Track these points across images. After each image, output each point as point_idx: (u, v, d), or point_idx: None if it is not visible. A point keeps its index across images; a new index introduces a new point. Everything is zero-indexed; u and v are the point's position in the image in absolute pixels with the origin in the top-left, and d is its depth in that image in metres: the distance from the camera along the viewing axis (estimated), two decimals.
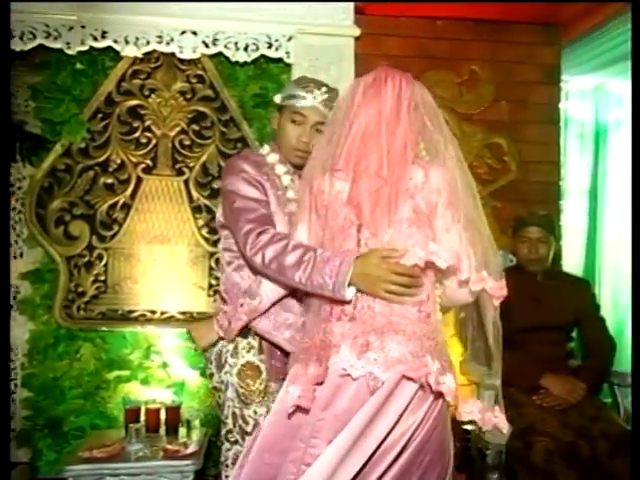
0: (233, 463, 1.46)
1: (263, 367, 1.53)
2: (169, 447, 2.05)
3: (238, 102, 2.75)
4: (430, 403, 1.21)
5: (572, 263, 3.70)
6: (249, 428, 1.48)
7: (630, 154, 1.42)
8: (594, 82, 3.75)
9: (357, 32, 2.68)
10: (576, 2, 2.66)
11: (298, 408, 1.22)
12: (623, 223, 3.83)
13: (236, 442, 1.49)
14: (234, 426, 1.50)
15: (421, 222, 1.26)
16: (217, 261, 2.70)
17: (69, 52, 2.55)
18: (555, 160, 3.00)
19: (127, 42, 2.57)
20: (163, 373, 2.65)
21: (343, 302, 1.27)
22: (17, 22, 2.46)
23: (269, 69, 2.75)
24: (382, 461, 1.17)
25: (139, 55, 2.63)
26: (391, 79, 1.32)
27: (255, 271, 1.50)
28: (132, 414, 2.19)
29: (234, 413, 1.51)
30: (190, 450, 2.04)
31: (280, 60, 2.69)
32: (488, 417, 1.27)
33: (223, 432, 1.54)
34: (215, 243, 2.72)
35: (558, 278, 2.33)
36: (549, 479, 1.80)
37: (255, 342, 1.54)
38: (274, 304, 1.50)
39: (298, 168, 1.59)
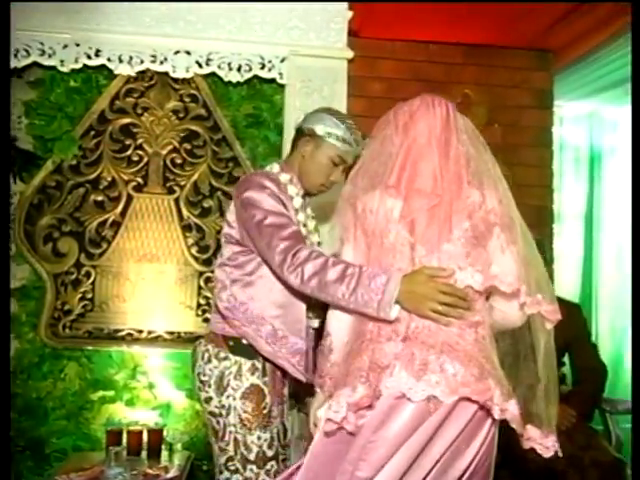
0: None
1: (267, 390, 1.46)
2: (149, 471, 2.00)
3: (231, 122, 2.75)
4: (488, 427, 1.19)
5: (568, 287, 3.69)
6: (252, 456, 1.41)
7: (630, 171, 1.41)
8: (588, 108, 3.79)
9: (350, 54, 2.70)
10: (567, 2, 2.66)
11: (344, 432, 1.18)
12: (619, 247, 3.83)
13: (236, 471, 1.42)
14: (235, 453, 1.42)
15: (477, 242, 1.26)
16: (206, 280, 2.69)
17: (63, 70, 2.56)
18: (548, 184, 2.99)
19: (121, 61, 2.58)
20: (149, 394, 2.60)
21: (392, 322, 1.23)
22: (12, 39, 2.47)
23: (262, 89, 2.77)
24: None
25: (133, 74, 2.65)
26: (438, 104, 1.37)
27: (291, 289, 1.43)
28: (114, 436, 2.14)
29: (236, 439, 1.42)
30: (171, 475, 1.99)
31: (273, 81, 2.70)
32: (547, 444, 1.21)
33: (222, 460, 1.44)
34: (205, 262, 2.70)
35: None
36: None
37: (259, 364, 1.47)
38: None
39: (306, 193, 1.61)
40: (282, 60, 2.64)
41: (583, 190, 3.91)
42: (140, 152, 2.71)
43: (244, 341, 1.47)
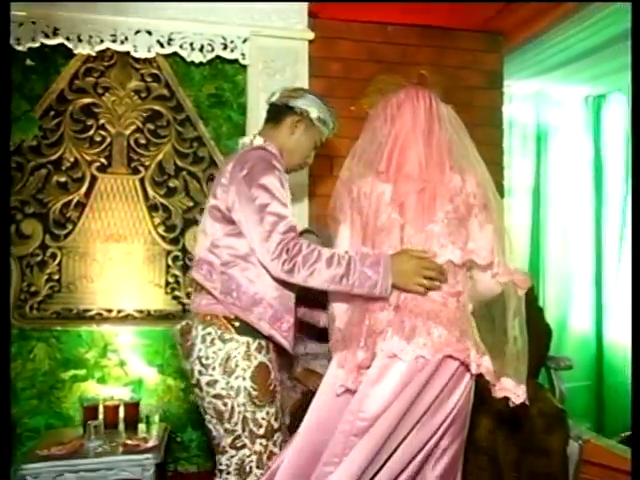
0: (236, 470, 1.44)
1: (271, 367, 1.48)
2: (129, 442, 2.08)
3: (194, 102, 2.78)
4: (467, 380, 1.38)
5: (518, 258, 3.92)
6: (261, 431, 1.44)
7: (631, 157, 1.59)
8: (535, 87, 3.99)
9: (311, 35, 2.76)
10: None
11: (346, 390, 1.35)
12: (564, 220, 4.09)
13: (243, 446, 1.44)
14: (243, 431, 1.43)
15: (458, 222, 1.40)
16: (174, 259, 2.75)
17: (19, 48, 2.52)
18: (499, 161, 3.16)
19: (80, 40, 2.56)
20: (120, 371, 2.66)
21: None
22: None
23: (225, 70, 2.79)
24: (427, 425, 1.34)
25: (92, 53, 2.62)
26: (422, 97, 1.51)
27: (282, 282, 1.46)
28: (90, 412, 2.20)
29: (245, 418, 1.43)
30: (150, 444, 2.08)
31: (236, 61, 2.74)
32: (519, 393, 1.39)
33: (228, 440, 1.45)
34: (172, 241, 2.75)
35: None
36: (491, 454, 1.96)
37: (264, 342, 1.48)
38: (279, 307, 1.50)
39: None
40: (244, 41, 2.68)
41: (530, 166, 4.12)
42: (103, 132, 2.71)
43: (247, 321, 1.45)
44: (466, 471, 1.92)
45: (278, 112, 1.64)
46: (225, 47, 2.68)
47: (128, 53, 2.64)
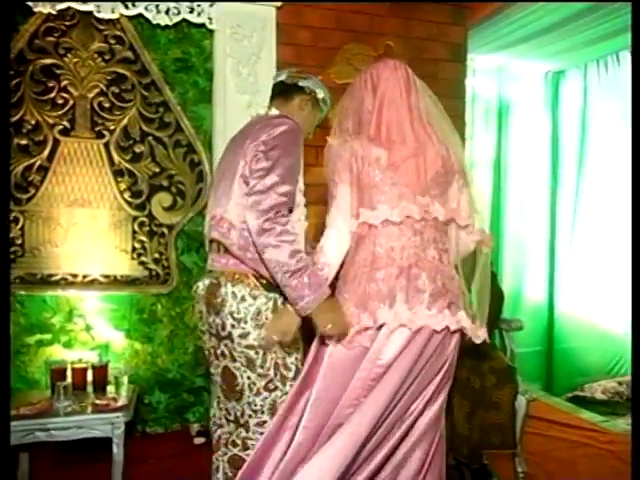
0: (269, 409, 1.58)
1: (297, 318, 1.57)
2: (98, 402, 2.11)
3: (159, 66, 2.74)
4: (456, 338, 1.56)
5: (479, 227, 4.06)
6: (291, 374, 1.60)
7: (630, 151, 1.74)
8: (498, 61, 4.08)
9: (278, 3, 2.75)
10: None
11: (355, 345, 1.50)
12: (523, 192, 4.25)
13: (275, 389, 1.59)
14: (275, 375, 1.58)
15: (444, 186, 1.56)
16: (141, 225, 2.75)
17: None
18: (461, 133, 3.24)
19: None
20: (87, 336, 2.68)
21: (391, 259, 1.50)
22: None
23: (191, 34, 2.76)
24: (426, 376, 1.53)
25: (53, 12, 2.55)
26: (399, 67, 1.61)
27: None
28: (58, 373, 2.21)
29: (276, 363, 1.58)
30: (120, 403, 2.12)
31: (202, 25, 2.70)
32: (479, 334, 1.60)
33: (262, 383, 1.58)
34: (138, 207, 2.75)
35: None
36: (446, 409, 2.08)
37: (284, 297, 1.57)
38: None
39: None
40: (211, 5, 2.65)
41: (492, 139, 4.24)
42: (65, 95, 2.65)
43: (270, 279, 1.54)
44: None
45: (288, 90, 1.75)
46: (192, 10, 2.65)
47: (91, 13, 2.57)
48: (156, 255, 2.77)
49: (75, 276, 2.67)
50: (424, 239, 1.52)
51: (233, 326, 1.56)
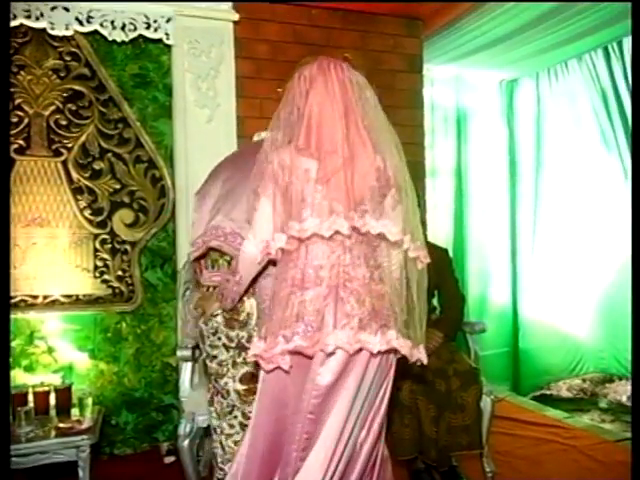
0: None
1: None
2: (62, 425, 2.06)
3: (117, 82, 2.73)
4: (394, 359, 1.51)
5: (442, 235, 4.14)
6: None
7: (631, 159, 1.71)
8: (454, 71, 4.19)
9: (235, 16, 2.77)
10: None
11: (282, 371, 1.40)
12: (483, 199, 4.35)
13: None
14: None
15: (379, 200, 1.44)
16: (102, 243, 2.71)
17: None
18: (420, 141, 3.32)
19: None
20: (49, 358, 2.61)
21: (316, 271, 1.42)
22: None
23: (148, 49, 2.76)
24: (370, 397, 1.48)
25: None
26: (334, 67, 1.47)
27: None
28: (19, 399, 2.15)
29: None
30: (85, 425, 2.07)
31: (160, 41, 2.70)
32: (415, 353, 1.49)
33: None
34: (100, 224, 2.71)
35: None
36: (413, 413, 2.12)
37: None
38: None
39: None
40: (168, 20, 2.65)
41: (452, 147, 4.33)
42: (19, 113, 2.60)
43: None
44: (391, 429, 2.09)
45: None
46: (148, 26, 2.64)
47: (44, 30, 2.54)
48: (119, 273, 2.73)
49: (35, 297, 2.61)
50: (354, 256, 1.42)
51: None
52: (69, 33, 2.57)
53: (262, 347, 1.39)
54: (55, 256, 2.64)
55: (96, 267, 2.70)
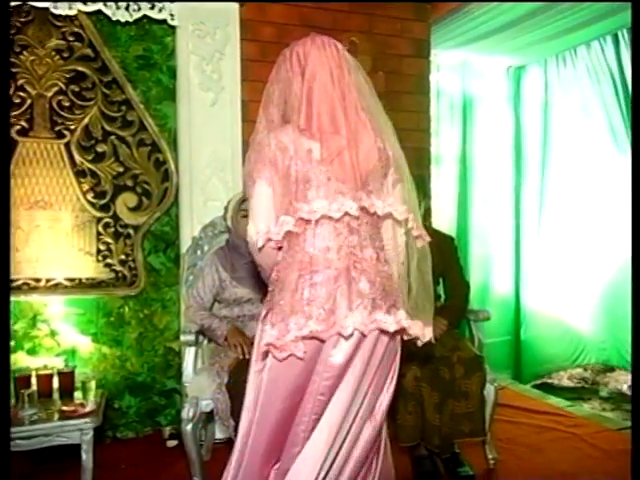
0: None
1: None
2: (65, 408, 2.06)
3: (120, 63, 2.68)
4: (399, 340, 1.48)
5: (447, 222, 4.12)
6: None
7: (631, 156, 1.69)
8: (461, 57, 4.13)
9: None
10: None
11: (294, 357, 1.36)
12: (488, 186, 4.32)
13: None
14: None
15: (381, 179, 1.44)
16: (105, 226, 2.69)
17: None
18: (425, 128, 3.29)
19: None
20: (52, 341, 2.61)
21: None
22: None
23: (152, 30, 2.71)
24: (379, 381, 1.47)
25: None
26: (328, 45, 1.43)
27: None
28: (23, 381, 2.15)
29: None
30: (88, 409, 2.07)
31: (164, 22, 2.66)
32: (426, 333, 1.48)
33: None
34: (103, 208, 2.69)
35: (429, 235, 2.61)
36: (417, 400, 2.12)
37: None
38: None
39: None
40: (172, 0, 2.61)
41: (458, 134, 4.29)
42: (22, 94, 2.56)
43: None
44: (394, 415, 2.09)
45: None
46: (152, 7, 2.60)
47: (47, 9, 2.50)
48: (122, 257, 2.72)
49: (38, 280, 2.60)
50: (361, 238, 1.40)
51: None
52: (72, 13, 2.53)
53: (275, 335, 1.35)
54: (58, 239, 2.62)
55: (99, 251, 2.69)
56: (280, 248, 1.43)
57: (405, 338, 1.48)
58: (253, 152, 1.44)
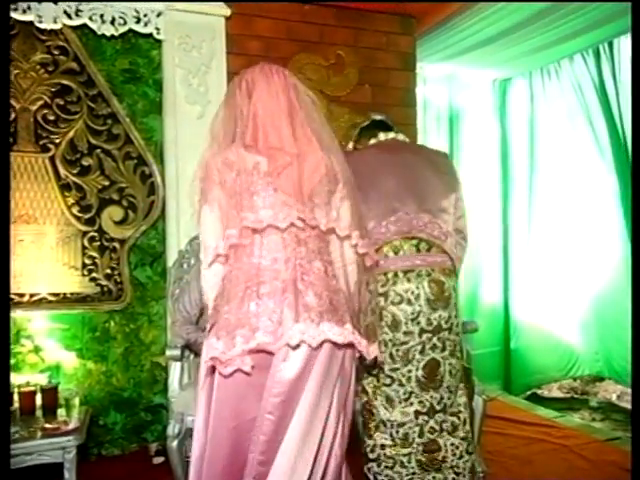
0: (463, 387, 1.93)
1: None
2: (48, 426, 2.02)
3: (106, 77, 2.68)
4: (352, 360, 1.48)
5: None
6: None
7: (632, 156, 1.75)
8: (447, 70, 4.18)
9: (227, 12, 2.74)
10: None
11: (242, 373, 1.34)
12: (476, 198, 4.33)
13: (466, 368, 2.02)
14: (463, 357, 2.04)
15: (327, 195, 1.48)
16: (91, 240, 2.67)
17: None
18: (413, 140, 3.30)
19: None
20: (36, 357, 2.56)
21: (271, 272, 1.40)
22: None
23: (138, 44, 2.71)
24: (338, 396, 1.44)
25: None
26: (276, 72, 1.52)
27: None
28: None
29: (462, 346, 2.04)
30: (71, 426, 2.04)
31: (150, 35, 2.66)
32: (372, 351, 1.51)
33: (459, 366, 1.96)
34: (88, 222, 2.66)
35: None
36: None
37: None
38: None
39: None
40: (158, 14, 2.62)
41: (445, 146, 4.32)
42: None
43: None
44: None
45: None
46: (138, 20, 2.60)
47: (31, 23, 2.50)
48: (108, 271, 2.69)
49: (22, 295, 2.56)
50: (309, 250, 1.42)
51: (456, 316, 1.83)
52: (57, 27, 2.53)
53: (220, 349, 1.32)
54: (42, 254, 2.59)
55: (84, 265, 2.66)
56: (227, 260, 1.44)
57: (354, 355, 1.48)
58: (199, 173, 1.47)
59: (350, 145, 2.22)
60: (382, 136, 2.07)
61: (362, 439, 1.92)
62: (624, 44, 3.44)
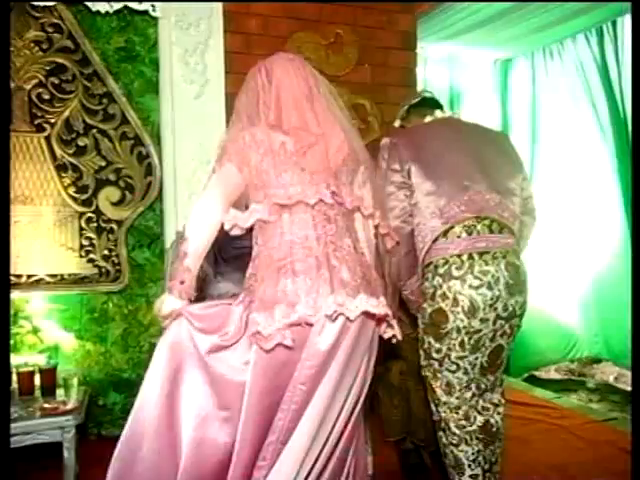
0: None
1: None
2: (46, 406, 2.03)
3: (102, 55, 2.63)
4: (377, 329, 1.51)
5: None
6: None
7: (633, 153, 1.75)
8: (448, 50, 4.12)
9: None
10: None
11: (282, 346, 1.35)
12: None
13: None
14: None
15: (350, 174, 1.52)
16: (88, 221, 2.65)
17: None
18: None
19: None
20: (34, 338, 2.56)
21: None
22: None
23: (134, 22, 2.66)
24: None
25: None
26: (293, 60, 1.56)
27: None
28: None
29: None
30: (70, 406, 2.04)
31: (146, 13, 2.61)
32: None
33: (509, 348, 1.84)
34: (85, 202, 2.64)
35: None
36: (403, 393, 2.11)
37: None
38: None
39: None
40: None
41: None
42: None
43: None
44: (380, 410, 2.09)
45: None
46: None
47: (25, 0, 2.45)
48: (105, 252, 2.68)
49: (19, 277, 2.55)
50: (339, 227, 1.44)
51: (525, 302, 1.74)
52: (51, 3, 2.48)
53: (262, 323, 1.33)
54: (39, 235, 2.58)
55: (82, 246, 2.64)
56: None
57: (385, 336, 1.51)
58: (228, 142, 1.47)
59: (396, 123, 2.17)
60: (439, 113, 1.99)
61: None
62: (628, 23, 3.38)
